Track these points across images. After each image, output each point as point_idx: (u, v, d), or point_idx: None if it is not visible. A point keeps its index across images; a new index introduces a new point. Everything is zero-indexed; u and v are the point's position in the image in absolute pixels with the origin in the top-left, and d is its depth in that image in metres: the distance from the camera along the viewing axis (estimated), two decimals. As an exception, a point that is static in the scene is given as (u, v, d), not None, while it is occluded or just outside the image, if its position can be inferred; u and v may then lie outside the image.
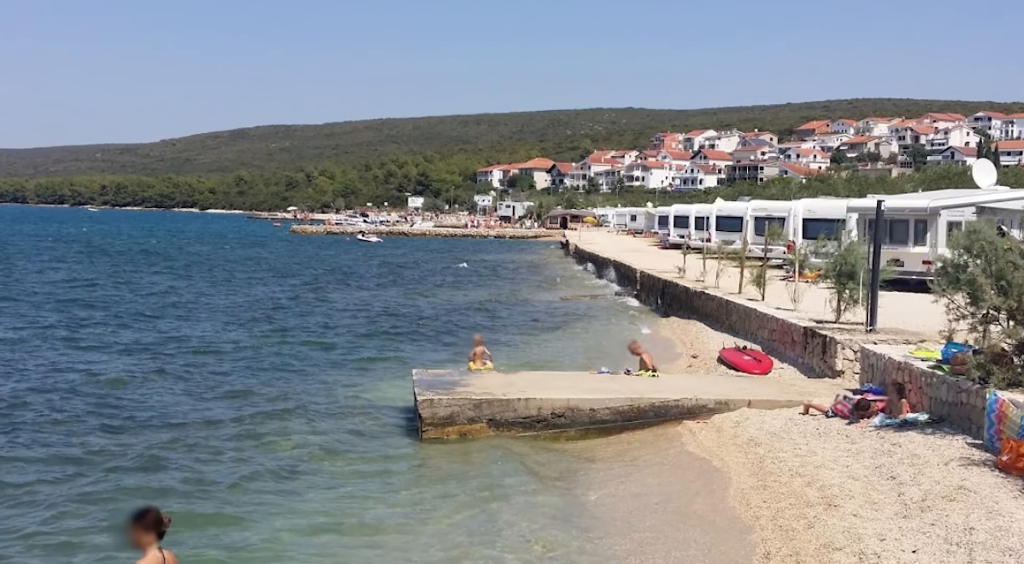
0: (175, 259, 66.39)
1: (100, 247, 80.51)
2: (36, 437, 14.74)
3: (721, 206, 53.06)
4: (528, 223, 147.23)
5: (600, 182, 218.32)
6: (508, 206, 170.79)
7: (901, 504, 9.36)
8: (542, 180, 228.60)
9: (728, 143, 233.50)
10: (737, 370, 18.81)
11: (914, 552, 8.04)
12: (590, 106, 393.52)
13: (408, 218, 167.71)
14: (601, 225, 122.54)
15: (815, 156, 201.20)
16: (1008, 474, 9.91)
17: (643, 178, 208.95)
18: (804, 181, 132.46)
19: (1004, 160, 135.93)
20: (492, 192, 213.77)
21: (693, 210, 57.55)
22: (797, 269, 23.96)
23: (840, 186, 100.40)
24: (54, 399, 17.48)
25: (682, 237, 52.71)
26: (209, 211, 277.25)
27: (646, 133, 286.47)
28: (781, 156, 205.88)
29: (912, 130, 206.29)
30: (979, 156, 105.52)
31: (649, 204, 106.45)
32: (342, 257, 73.67)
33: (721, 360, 19.98)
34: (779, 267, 33.83)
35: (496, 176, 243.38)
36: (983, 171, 30.88)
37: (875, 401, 13.50)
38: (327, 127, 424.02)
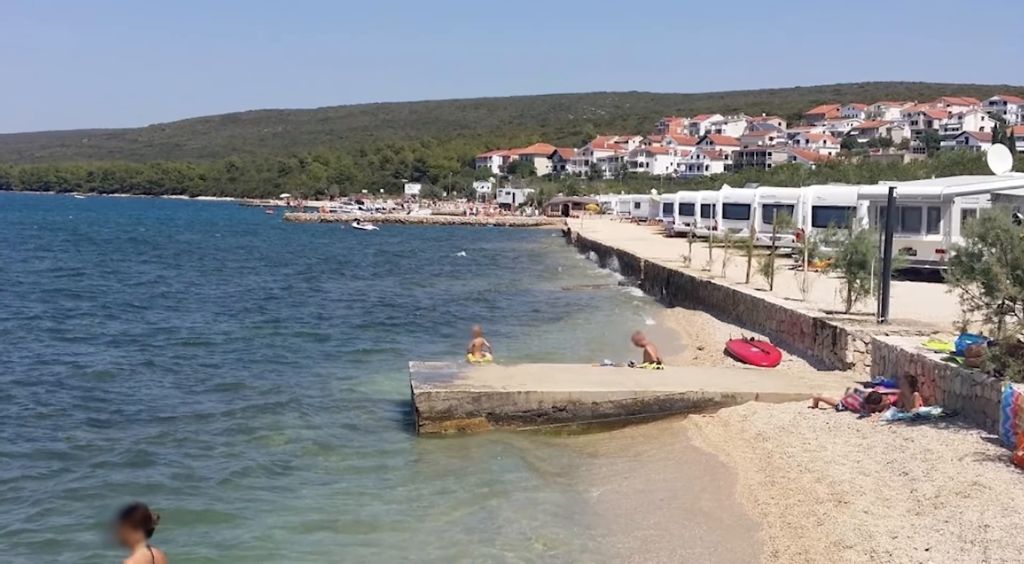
0: (164, 248, 66.36)
1: (87, 235, 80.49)
2: (20, 431, 14.74)
3: (728, 193, 53.04)
4: (528, 211, 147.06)
5: (603, 168, 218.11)
6: (508, 193, 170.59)
7: (914, 500, 9.35)
8: (543, 166, 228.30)
9: (735, 128, 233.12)
10: (744, 362, 18.80)
11: (927, 550, 8.04)
12: (593, 90, 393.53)
13: (405, 205, 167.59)
14: (604, 213, 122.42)
15: (825, 141, 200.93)
16: (1024, 470, 9.90)
17: (647, 164, 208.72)
18: (813, 167, 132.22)
19: (1020, 145, 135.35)
20: (491, 178, 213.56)
21: (699, 197, 57.53)
22: (806, 258, 23.93)
23: (851, 172, 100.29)
24: (39, 392, 17.48)
25: (688, 225, 52.68)
26: (199, 198, 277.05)
27: (650, 118, 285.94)
28: (790, 141, 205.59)
29: (925, 114, 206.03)
30: (994, 141, 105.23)
31: (653, 191, 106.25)
32: (336, 246, 73.67)
33: (728, 352, 19.98)
34: (788, 256, 33.81)
35: (495, 162, 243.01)
36: (998, 157, 30.79)
37: (887, 394, 13.49)
38: (321, 111, 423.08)
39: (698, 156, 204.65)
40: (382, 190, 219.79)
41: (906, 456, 10.89)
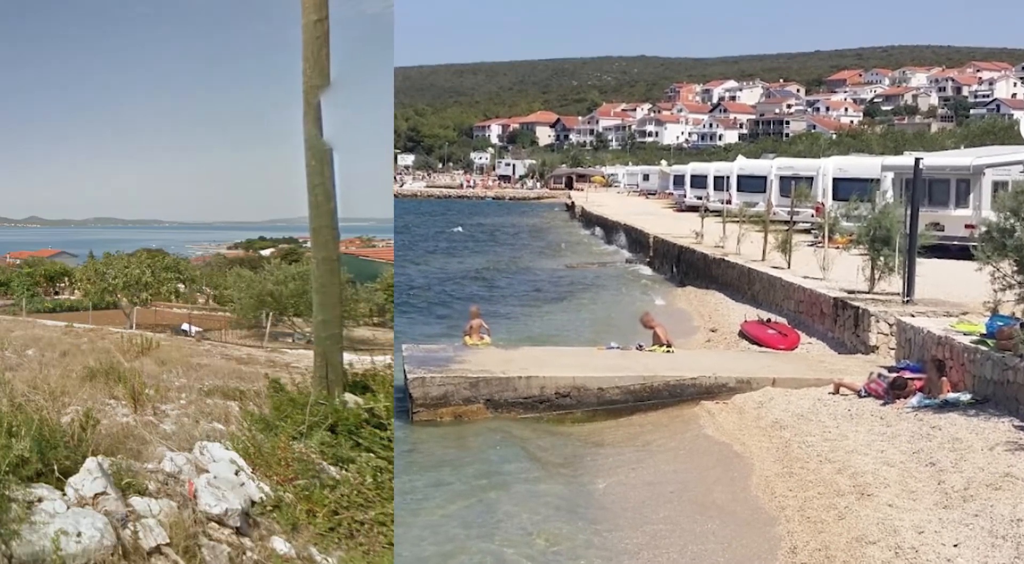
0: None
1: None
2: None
3: (743, 164, 52.97)
4: (530, 183, 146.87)
5: (609, 138, 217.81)
6: (508, 164, 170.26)
7: (941, 493, 9.34)
8: (545, 136, 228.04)
9: (750, 95, 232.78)
10: (760, 345, 18.80)
11: (955, 546, 8.03)
12: (598, 54, 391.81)
13: (397, 178, 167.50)
14: (610, 185, 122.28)
15: (846, 109, 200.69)
16: (1059, 460, 9.89)
17: (656, 134, 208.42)
18: (834, 137, 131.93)
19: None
20: (490, 149, 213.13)
21: (712, 169, 57.47)
22: (827, 234, 23.88)
23: (874, 142, 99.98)
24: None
25: (700, 199, 52.49)
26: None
27: (660, 84, 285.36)
28: (809, 109, 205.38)
29: (953, 80, 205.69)
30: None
31: (663, 162, 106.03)
32: (325, 221, 73.53)
33: (743, 334, 19.99)
34: (807, 232, 33.76)
35: (494, 131, 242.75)
36: (1032, 125, 30.72)
37: (912, 379, 13.48)
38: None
39: (711, 125, 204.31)
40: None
41: (933, 445, 10.88)
